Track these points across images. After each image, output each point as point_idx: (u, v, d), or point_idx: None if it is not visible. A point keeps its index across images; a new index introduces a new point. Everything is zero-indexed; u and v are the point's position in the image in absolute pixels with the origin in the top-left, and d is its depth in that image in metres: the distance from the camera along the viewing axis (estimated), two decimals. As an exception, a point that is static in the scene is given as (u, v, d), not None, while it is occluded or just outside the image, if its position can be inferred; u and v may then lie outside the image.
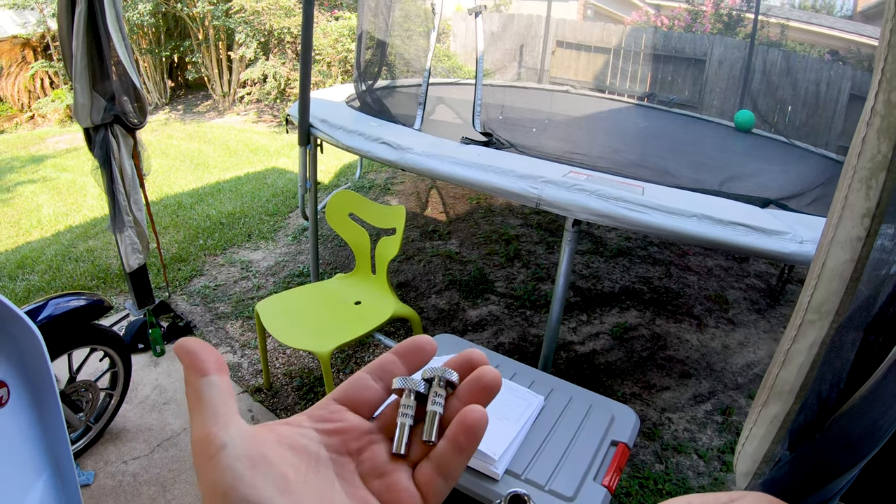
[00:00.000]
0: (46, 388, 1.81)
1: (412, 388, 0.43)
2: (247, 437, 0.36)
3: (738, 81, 5.65)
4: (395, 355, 0.45)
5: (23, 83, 8.97)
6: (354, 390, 0.43)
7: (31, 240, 4.86)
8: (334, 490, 0.38)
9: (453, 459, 0.40)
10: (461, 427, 0.39)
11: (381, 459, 0.41)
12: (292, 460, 0.37)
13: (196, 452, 0.35)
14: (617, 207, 2.19)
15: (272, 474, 0.35)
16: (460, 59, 7.70)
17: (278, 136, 8.12)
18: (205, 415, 0.36)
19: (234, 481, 0.33)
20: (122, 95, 2.93)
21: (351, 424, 0.42)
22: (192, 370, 0.38)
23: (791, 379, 1.10)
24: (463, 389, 0.42)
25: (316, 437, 0.40)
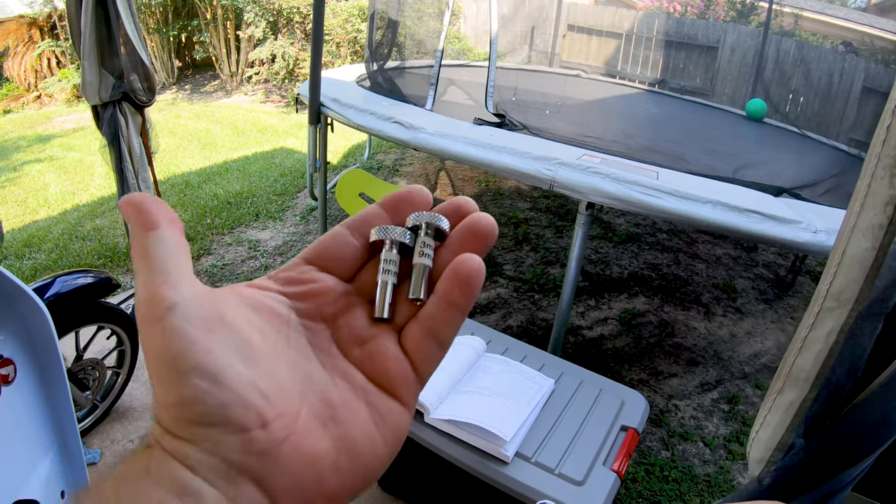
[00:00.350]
0: (53, 366, 1.80)
1: (395, 239, 0.36)
2: (202, 297, 0.30)
3: (751, 70, 5.60)
4: (381, 207, 0.38)
5: (29, 63, 8.95)
6: (329, 248, 0.37)
7: (37, 218, 4.87)
8: (309, 360, 0.33)
9: (446, 318, 0.34)
10: (455, 278, 0.33)
11: (360, 325, 0.35)
12: (258, 324, 0.31)
13: (141, 317, 0.29)
14: (631, 191, 2.17)
15: (233, 339, 0.29)
16: (471, 42, 7.66)
17: (286, 116, 8.09)
18: (152, 273, 0.30)
19: (184, 346, 0.27)
20: (131, 73, 2.91)
21: (325, 286, 0.35)
22: (137, 224, 0.31)
23: (808, 366, 1.09)
24: (454, 239, 0.36)
25: (284, 300, 0.34)
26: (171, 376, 0.27)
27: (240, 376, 0.28)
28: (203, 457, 0.27)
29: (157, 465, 0.27)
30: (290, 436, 0.29)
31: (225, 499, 0.27)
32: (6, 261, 3.99)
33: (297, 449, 0.29)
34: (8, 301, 1.73)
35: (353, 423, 0.32)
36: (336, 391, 0.32)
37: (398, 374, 0.34)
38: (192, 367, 0.27)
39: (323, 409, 0.31)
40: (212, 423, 0.27)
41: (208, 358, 0.27)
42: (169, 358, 0.27)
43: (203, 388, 0.27)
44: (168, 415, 0.28)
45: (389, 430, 0.33)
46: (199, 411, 0.27)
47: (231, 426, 0.27)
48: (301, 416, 0.30)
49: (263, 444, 0.28)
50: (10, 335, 1.73)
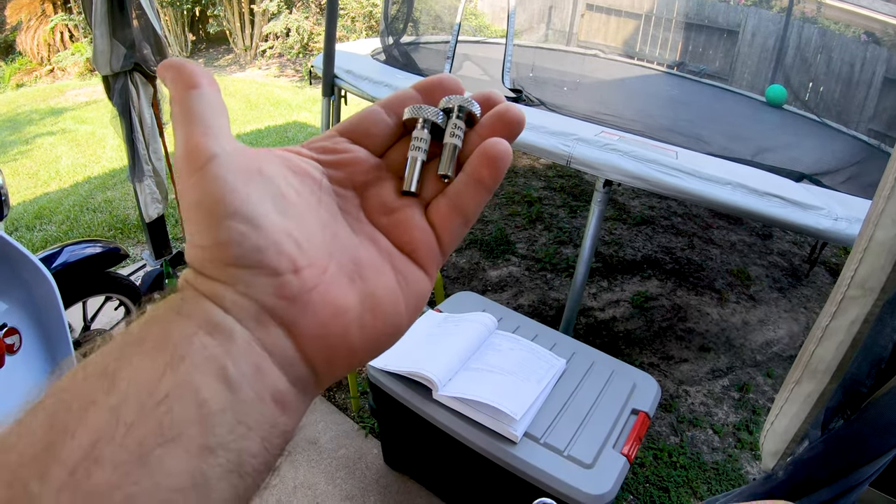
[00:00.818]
0: (59, 336, 1.79)
1: (427, 118, 0.37)
2: (241, 151, 0.31)
3: (772, 55, 5.51)
4: (415, 90, 0.39)
5: (42, 37, 8.94)
6: (364, 123, 0.38)
7: (49, 191, 4.87)
8: (337, 221, 0.34)
9: (473, 195, 0.35)
10: (484, 158, 0.34)
11: (388, 196, 0.36)
12: (294, 183, 0.33)
13: (180, 168, 0.29)
14: (650, 170, 2.13)
15: (270, 190, 0.30)
16: (487, 19, 7.58)
17: (300, 90, 8.06)
18: (194, 126, 0.30)
19: (224, 192, 0.28)
20: (143, 43, 2.88)
21: (357, 156, 0.37)
22: (178, 83, 0.31)
23: (828, 357, 1.05)
24: (484, 124, 0.37)
25: (318, 166, 0.35)
26: (210, 220, 0.28)
27: (275, 224, 0.29)
28: (236, 297, 0.28)
29: (190, 304, 0.28)
30: (320, 285, 0.30)
31: (253, 339, 0.28)
32: (17, 232, 4.00)
33: (326, 298, 0.30)
34: (13, 270, 1.71)
35: (379, 282, 0.33)
36: (364, 252, 0.34)
37: (423, 243, 0.35)
38: (232, 212, 0.28)
39: (351, 266, 0.32)
40: (247, 266, 0.28)
41: (247, 205, 0.28)
42: (208, 203, 0.28)
43: (241, 231, 0.28)
44: (203, 256, 0.29)
45: (412, 292, 0.34)
46: (236, 253, 0.28)
47: (265, 269, 0.28)
48: (330, 270, 0.31)
49: (294, 289, 0.29)
50: (15, 304, 1.72)
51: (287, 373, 0.29)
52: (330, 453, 2.39)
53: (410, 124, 0.38)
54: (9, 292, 1.71)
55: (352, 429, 2.52)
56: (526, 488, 1.57)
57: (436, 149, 0.37)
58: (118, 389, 0.24)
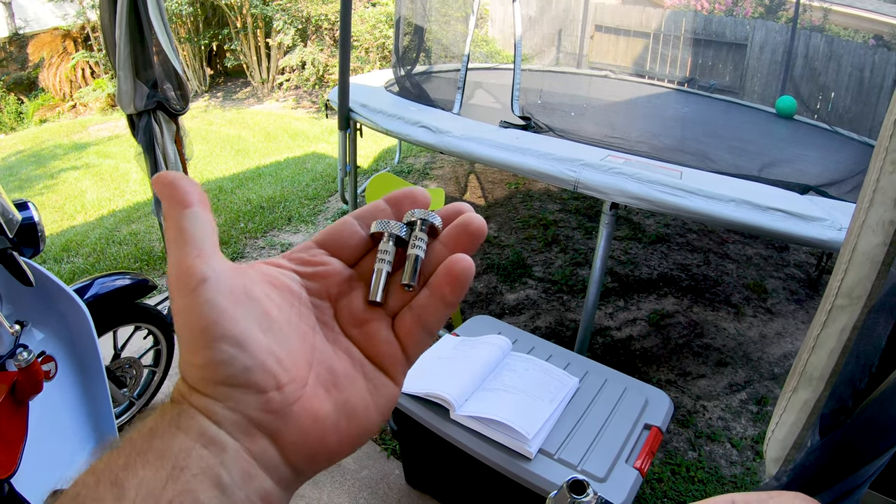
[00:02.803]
0: (93, 364, 1.86)
1: (391, 232, 0.40)
2: (230, 272, 0.33)
3: (780, 67, 5.53)
4: (385, 202, 0.42)
5: (64, 73, 9.16)
6: (337, 234, 0.41)
7: (75, 224, 4.99)
8: (315, 333, 0.37)
9: (436, 310, 0.38)
10: (447, 277, 0.37)
11: (358, 307, 0.39)
12: (276, 299, 0.36)
13: (174, 288, 0.32)
14: (654, 191, 2.19)
15: (255, 311, 0.33)
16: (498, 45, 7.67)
17: (317, 121, 8.17)
18: (187, 248, 0.33)
19: (215, 316, 0.31)
20: (165, 82, 2.98)
21: (332, 269, 0.40)
22: (172, 202, 0.34)
23: (821, 364, 1.09)
24: (447, 235, 0.40)
25: (297, 279, 0.38)
26: (202, 341, 0.31)
27: (260, 344, 0.32)
28: (227, 413, 0.31)
29: (186, 418, 0.31)
30: (301, 398, 0.34)
31: (242, 448, 0.31)
32: (45, 264, 4.09)
33: (306, 409, 0.34)
34: (50, 301, 1.79)
35: (352, 390, 0.36)
36: (338, 362, 0.37)
37: (389, 356, 0.38)
38: (222, 335, 0.31)
39: (327, 376, 0.36)
40: (236, 384, 0.31)
41: (235, 327, 0.32)
42: (200, 325, 0.31)
43: (230, 354, 0.31)
44: (196, 374, 0.32)
45: (382, 399, 0.38)
46: (226, 373, 0.31)
47: (252, 387, 0.32)
48: (309, 382, 0.35)
49: (278, 403, 0.32)
50: (51, 333, 1.79)
51: (272, 475, 0.32)
52: (353, 474, 2.44)
53: (377, 237, 0.41)
54: (46, 322, 1.80)
55: (374, 450, 2.57)
56: (541, 503, 1.62)
57: (402, 260, 0.40)
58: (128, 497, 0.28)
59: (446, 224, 0.41)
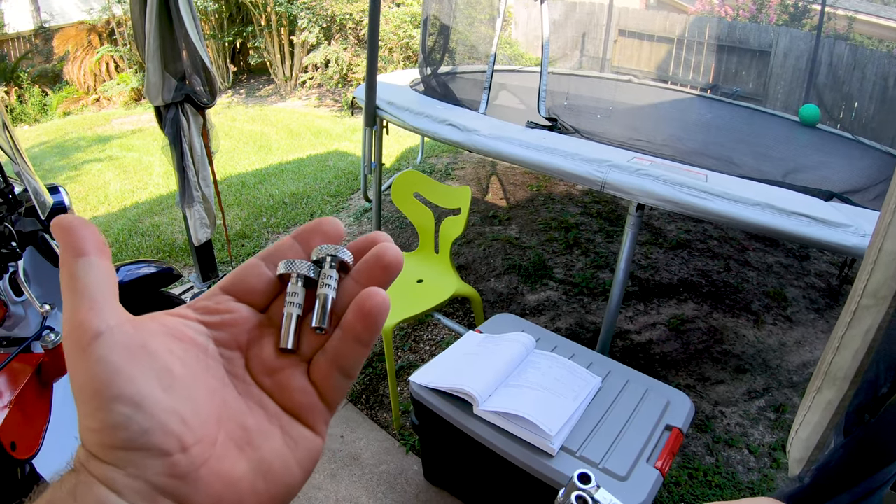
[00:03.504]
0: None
1: (299, 273, 0.37)
2: (126, 326, 0.31)
3: (804, 75, 5.50)
4: (293, 239, 0.40)
5: (89, 67, 9.27)
6: (244, 278, 0.38)
7: (98, 215, 5.06)
8: (225, 387, 0.35)
9: (351, 351, 0.36)
10: (358, 313, 0.35)
11: (270, 355, 0.37)
12: (178, 353, 0.33)
13: (67, 344, 0.30)
14: (680, 193, 2.19)
15: (155, 367, 0.31)
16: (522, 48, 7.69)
17: (340, 119, 8.22)
18: (80, 299, 0.31)
19: (108, 375, 0.29)
20: (193, 75, 3.02)
21: (239, 316, 0.37)
22: (66, 248, 0.32)
23: (846, 365, 1.10)
24: (360, 270, 0.38)
25: (203, 329, 0.36)
26: (96, 402, 0.29)
27: (160, 403, 0.30)
28: (128, 480, 0.29)
29: (83, 489, 0.29)
30: (210, 459, 0.31)
31: None
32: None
33: (216, 472, 0.31)
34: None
35: (268, 447, 0.34)
36: (251, 417, 0.35)
37: (306, 405, 0.36)
38: (116, 395, 0.29)
39: (239, 433, 0.34)
40: (135, 448, 0.29)
41: (131, 386, 0.29)
42: (94, 385, 0.29)
43: (126, 415, 0.29)
44: (93, 439, 0.29)
45: (303, 453, 0.35)
46: (123, 437, 0.29)
47: (153, 450, 0.29)
48: (219, 441, 0.32)
49: (184, 467, 0.30)
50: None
51: None
52: (371, 469, 2.46)
53: (285, 279, 0.38)
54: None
55: (393, 446, 2.59)
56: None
57: (314, 299, 0.38)
58: None
59: (359, 256, 0.39)
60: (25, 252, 1.63)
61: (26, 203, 1.63)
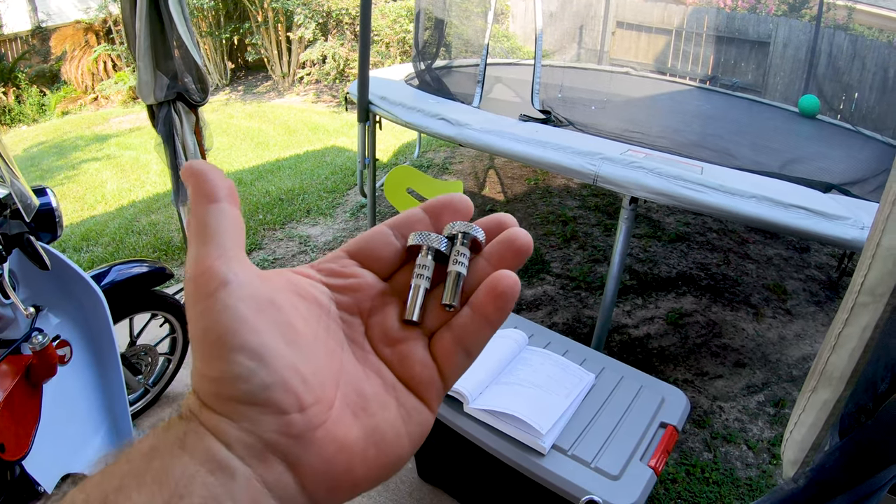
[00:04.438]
0: (108, 350, 1.87)
1: (431, 245, 0.37)
2: (254, 278, 0.31)
3: (803, 65, 5.46)
4: (423, 211, 0.39)
5: (86, 66, 9.26)
6: (370, 245, 0.38)
7: (95, 214, 5.04)
8: (344, 351, 0.34)
9: (478, 331, 0.35)
10: (491, 294, 0.34)
11: (392, 325, 0.36)
12: (303, 311, 0.33)
13: (190, 289, 0.29)
14: (674, 186, 2.16)
15: (280, 321, 0.30)
16: (519, 41, 7.63)
17: (337, 115, 8.19)
18: (209, 246, 0.30)
19: (233, 323, 0.28)
20: (185, 74, 3.00)
21: (364, 282, 0.37)
22: (199, 195, 0.32)
23: (842, 364, 1.07)
24: (491, 251, 0.37)
25: (326, 291, 0.36)
26: (218, 351, 0.28)
27: (284, 359, 0.29)
28: (241, 434, 0.28)
29: (193, 438, 0.28)
30: (326, 422, 0.30)
31: (255, 475, 0.28)
32: (65, 253, 4.09)
33: (331, 436, 0.30)
34: (67, 287, 1.80)
35: (383, 416, 0.33)
36: (368, 384, 0.34)
37: (425, 379, 0.35)
38: (240, 346, 0.28)
39: (356, 399, 0.33)
40: (253, 403, 0.28)
41: (256, 338, 0.28)
42: (217, 333, 0.28)
43: (249, 367, 0.28)
44: (209, 388, 0.29)
45: (415, 426, 0.34)
46: (243, 389, 0.28)
47: (272, 407, 0.28)
48: (336, 405, 0.31)
49: (300, 427, 0.29)
50: (68, 318, 1.81)
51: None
52: (366, 468, 2.44)
53: (415, 251, 0.38)
54: (62, 307, 1.81)
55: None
56: (554, 499, 1.60)
57: (442, 274, 0.37)
58: None
59: (489, 238, 0.38)
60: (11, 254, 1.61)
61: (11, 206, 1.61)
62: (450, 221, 0.38)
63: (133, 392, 2.55)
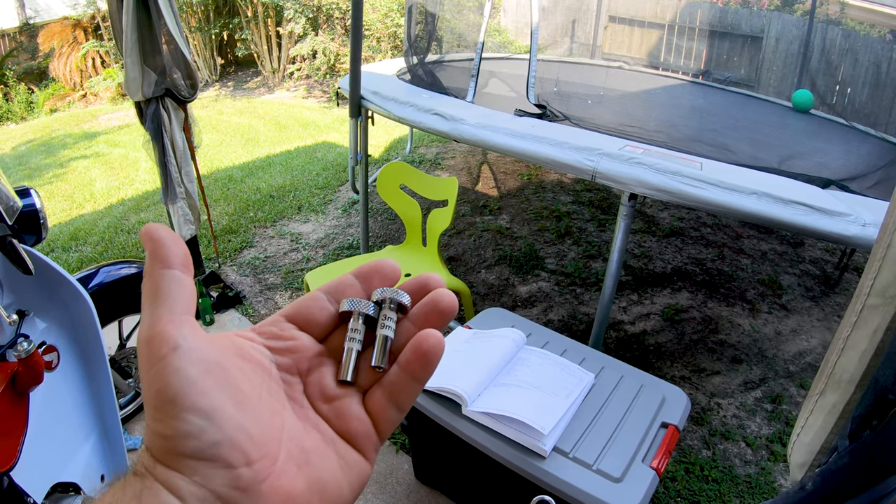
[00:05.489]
0: (96, 354, 1.84)
1: (361, 311, 0.40)
2: (203, 342, 0.33)
3: (796, 60, 5.44)
4: (354, 277, 0.42)
5: (74, 63, 9.20)
6: (306, 309, 0.41)
7: (84, 212, 4.99)
8: (286, 410, 0.36)
9: (406, 387, 0.38)
10: (416, 353, 0.37)
11: (329, 383, 0.39)
12: (247, 372, 0.35)
13: (144, 352, 0.32)
14: (674, 182, 2.13)
15: (227, 383, 0.32)
16: (511, 35, 7.61)
17: (328, 111, 8.15)
18: (160, 310, 0.33)
19: (184, 385, 0.30)
20: (174, 69, 2.96)
21: (302, 344, 0.39)
22: (155, 260, 0.34)
23: (851, 367, 1.04)
24: (417, 313, 0.40)
25: (268, 353, 0.38)
26: (170, 411, 0.30)
27: (231, 419, 0.31)
28: (193, 488, 0.30)
29: (149, 494, 0.30)
30: (271, 475, 0.32)
31: None
32: (53, 253, 4.10)
33: (276, 487, 0.32)
34: (53, 290, 1.76)
35: (324, 467, 0.36)
36: (309, 439, 0.36)
37: (361, 432, 0.38)
38: (191, 406, 0.30)
39: (298, 453, 0.35)
40: (203, 458, 0.30)
41: (205, 399, 0.31)
42: (169, 394, 0.30)
43: (199, 426, 0.30)
44: (162, 444, 0.30)
45: (354, 476, 0.37)
46: (194, 446, 0.30)
47: (220, 462, 0.30)
48: (280, 459, 0.33)
49: (247, 480, 0.31)
50: (54, 323, 1.76)
51: None
52: (361, 469, 2.41)
53: (346, 316, 0.41)
54: (48, 311, 1.77)
55: (383, 445, 2.53)
56: (555, 502, 1.58)
57: (372, 337, 0.40)
58: None
59: (416, 299, 0.41)
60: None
61: (-8, 209, 1.56)
62: (378, 284, 0.42)
63: (123, 396, 2.51)
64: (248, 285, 3.71)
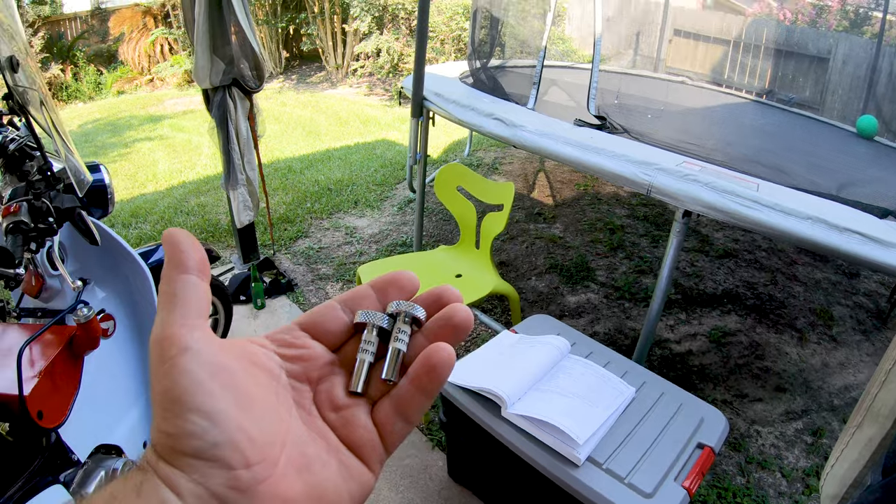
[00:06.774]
0: (151, 327, 1.91)
1: (375, 323, 0.40)
2: (212, 345, 0.34)
3: (863, 84, 5.29)
4: (371, 288, 0.43)
5: (143, 48, 9.48)
6: (321, 318, 0.41)
7: (145, 192, 5.16)
8: (292, 416, 0.37)
9: (414, 400, 0.38)
10: (425, 367, 0.38)
11: (338, 393, 0.39)
12: (256, 377, 0.36)
13: (154, 353, 0.33)
14: (730, 202, 2.11)
15: (233, 386, 0.33)
16: (575, 44, 7.59)
17: (389, 109, 8.22)
18: (174, 314, 0.34)
19: (190, 386, 0.31)
20: (241, 60, 3.04)
21: (313, 352, 0.40)
22: (172, 263, 0.35)
23: (891, 401, 1.04)
24: (431, 327, 0.41)
25: (278, 360, 0.39)
26: (175, 410, 0.31)
27: (234, 421, 0.32)
28: (191, 486, 0.30)
29: (148, 487, 0.31)
30: (269, 478, 0.32)
31: None
32: (114, 228, 4.21)
33: (274, 491, 0.32)
34: (115, 262, 1.84)
35: (325, 474, 0.36)
36: (312, 446, 0.37)
37: (366, 442, 0.38)
38: (195, 406, 0.31)
39: (300, 459, 0.35)
40: (204, 458, 0.31)
41: (209, 400, 0.31)
42: (175, 394, 0.31)
43: (201, 426, 0.31)
44: (166, 442, 0.31)
45: (355, 486, 0.37)
46: (195, 445, 0.31)
47: (219, 462, 0.31)
48: (280, 463, 0.34)
49: (245, 482, 0.31)
50: (113, 293, 1.84)
51: None
52: (395, 461, 2.45)
53: (360, 327, 0.41)
54: (109, 281, 1.85)
55: (419, 440, 2.57)
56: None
57: (385, 349, 0.40)
58: None
59: (431, 312, 0.41)
60: (63, 228, 1.65)
61: (65, 180, 1.64)
62: (394, 297, 0.42)
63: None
64: (301, 274, 3.79)
